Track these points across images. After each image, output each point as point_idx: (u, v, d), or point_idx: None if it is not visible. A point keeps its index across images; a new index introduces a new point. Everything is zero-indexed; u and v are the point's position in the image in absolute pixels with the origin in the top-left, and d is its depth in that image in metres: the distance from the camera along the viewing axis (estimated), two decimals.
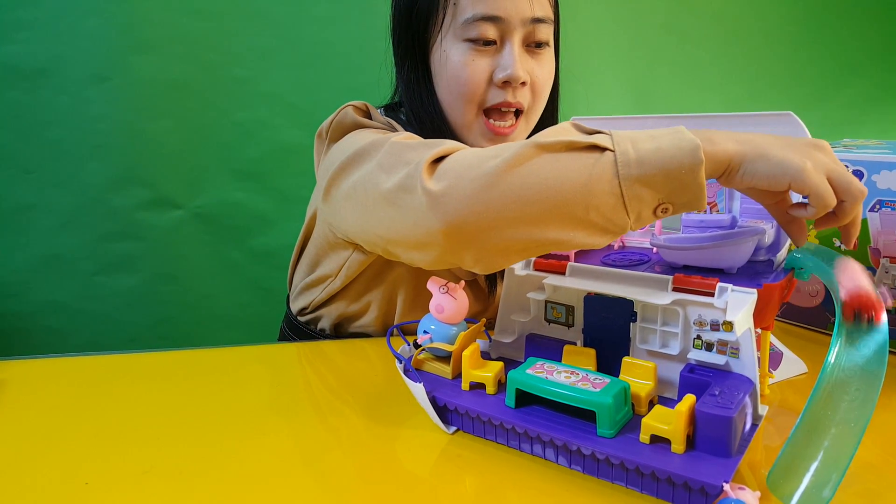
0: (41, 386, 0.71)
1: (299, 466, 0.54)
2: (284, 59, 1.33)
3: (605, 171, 0.49)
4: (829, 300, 0.79)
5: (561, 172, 0.50)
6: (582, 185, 0.50)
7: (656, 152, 0.49)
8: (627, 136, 0.51)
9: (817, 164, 0.49)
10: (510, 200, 0.51)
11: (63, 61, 1.22)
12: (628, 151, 0.49)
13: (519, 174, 0.51)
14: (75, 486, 0.51)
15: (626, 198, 0.49)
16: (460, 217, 0.52)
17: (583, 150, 0.50)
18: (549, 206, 0.51)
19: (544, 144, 0.51)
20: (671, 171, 0.48)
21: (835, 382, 0.47)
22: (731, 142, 0.51)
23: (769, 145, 0.50)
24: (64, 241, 1.30)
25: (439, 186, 0.53)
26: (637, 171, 0.49)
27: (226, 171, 1.36)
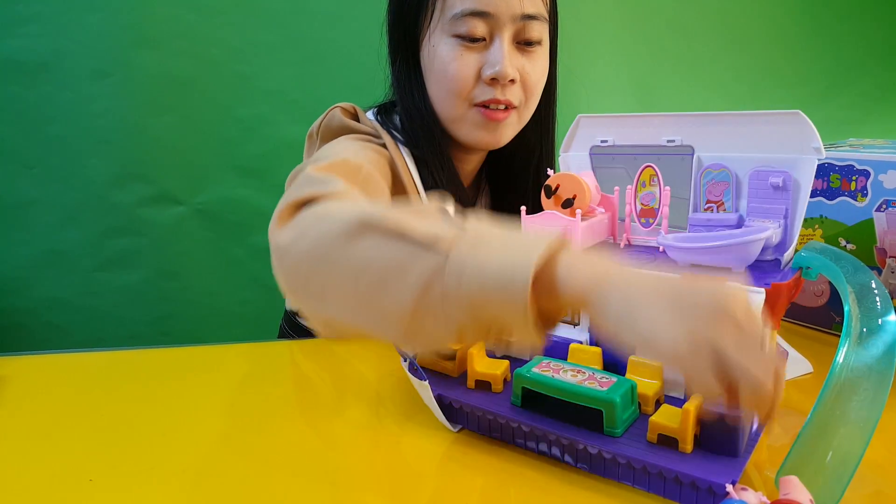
0: (42, 382, 0.71)
1: (303, 464, 0.54)
2: (287, 55, 1.33)
3: (427, 278, 0.42)
4: (834, 300, 0.78)
5: (384, 265, 0.44)
6: (402, 288, 0.43)
7: (485, 266, 0.41)
8: (476, 235, 0.43)
9: (700, 344, 0.37)
10: (333, 281, 0.46)
11: (65, 56, 1.22)
12: (462, 257, 0.41)
13: (346, 254, 0.45)
14: (80, 484, 0.51)
15: (447, 313, 0.42)
16: (291, 275, 0.50)
17: (415, 243, 0.43)
18: (364, 299, 0.45)
19: (376, 225, 0.45)
20: (493, 292, 0.40)
21: (843, 382, 0.47)
22: (602, 281, 0.40)
23: (645, 304, 0.39)
24: (65, 237, 1.29)
25: (283, 239, 0.50)
26: (459, 283, 0.41)
27: (227, 168, 1.35)
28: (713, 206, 0.62)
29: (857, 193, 0.75)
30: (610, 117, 0.67)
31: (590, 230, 0.63)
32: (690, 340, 0.37)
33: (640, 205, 0.65)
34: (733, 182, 0.61)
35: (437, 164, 0.77)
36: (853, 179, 0.75)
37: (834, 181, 0.77)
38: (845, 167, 0.76)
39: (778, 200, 0.59)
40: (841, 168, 0.76)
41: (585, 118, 0.68)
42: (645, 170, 0.64)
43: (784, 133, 0.57)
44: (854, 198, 0.75)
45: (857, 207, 0.75)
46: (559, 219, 0.61)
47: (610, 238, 0.68)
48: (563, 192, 0.61)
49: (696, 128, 0.62)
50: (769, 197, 0.59)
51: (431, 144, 0.77)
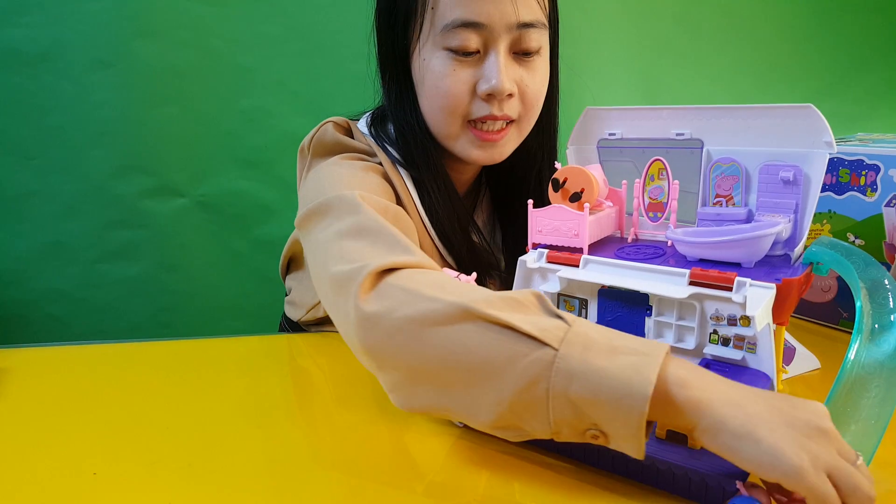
0: (43, 375, 0.70)
1: (306, 459, 0.54)
2: (290, 47, 1.32)
3: (536, 374, 0.42)
4: (841, 295, 0.78)
5: (490, 353, 0.44)
6: (506, 377, 0.43)
7: (598, 375, 0.41)
8: (584, 336, 0.43)
9: (818, 461, 0.39)
10: (426, 359, 0.46)
11: (66, 46, 1.21)
12: (571, 359, 0.42)
13: (446, 335, 0.45)
14: (84, 477, 0.51)
15: (551, 409, 0.42)
16: (377, 348, 0.49)
17: (521, 335, 0.44)
18: (460, 382, 0.45)
19: (480, 314, 0.45)
20: (605, 402, 0.41)
21: (855, 379, 0.46)
22: (716, 398, 0.41)
23: (762, 421, 0.40)
24: (66, 228, 1.29)
25: (371, 309, 0.49)
26: (568, 385, 0.41)
27: (229, 160, 1.34)
28: (722, 200, 0.61)
29: (867, 188, 0.74)
30: (618, 110, 0.66)
31: (597, 224, 0.62)
32: (811, 458, 0.39)
33: (648, 199, 0.64)
34: (743, 176, 0.60)
35: (432, 181, 0.73)
36: (863, 174, 0.75)
37: (843, 176, 0.76)
38: (855, 162, 0.75)
39: (788, 195, 0.58)
40: (850, 163, 0.75)
41: (593, 111, 0.67)
42: (653, 163, 0.63)
43: (795, 127, 0.57)
44: (863, 193, 0.75)
45: (866, 202, 0.75)
46: (567, 212, 0.60)
47: (617, 232, 0.67)
48: (570, 186, 0.61)
49: (705, 121, 0.61)
50: (779, 191, 0.58)
51: (427, 161, 0.73)
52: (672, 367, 0.42)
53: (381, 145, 0.74)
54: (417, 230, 0.72)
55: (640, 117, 0.65)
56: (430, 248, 0.74)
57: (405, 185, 0.73)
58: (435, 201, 0.73)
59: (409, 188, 0.73)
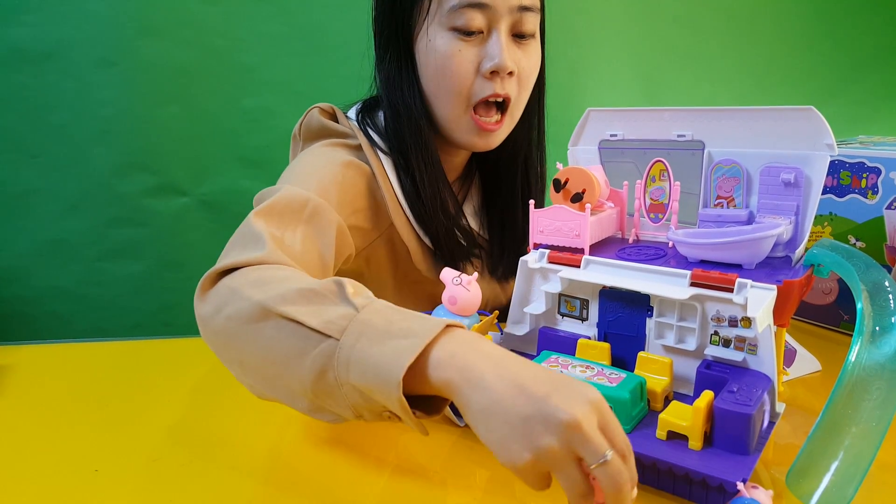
0: (45, 372, 0.71)
1: (307, 456, 0.54)
2: (292, 46, 1.32)
3: (323, 366, 0.45)
4: (842, 298, 0.78)
5: (285, 350, 0.47)
6: (302, 370, 0.46)
7: (366, 363, 0.43)
8: (363, 323, 0.45)
9: (541, 459, 0.39)
10: (245, 357, 0.50)
11: (69, 45, 1.21)
12: (349, 349, 0.44)
13: (253, 335, 0.49)
14: (85, 474, 0.51)
15: (345, 395, 0.45)
16: (212, 345, 0.53)
17: (310, 330, 0.46)
18: (274, 376, 0.49)
19: (276, 311, 0.48)
20: (375, 389, 0.43)
21: (856, 381, 0.46)
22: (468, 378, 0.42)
23: (501, 411, 0.40)
24: (68, 226, 1.29)
25: (202, 311, 0.53)
26: (347, 375, 0.44)
27: (232, 159, 1.34)
28: (723, 201, 0.62)
29: (868, 191, 0.74)
30: (620, 111, 0.66)
31: (598, 225, 0.62)
32: (536, 458, 0.39)
33: (649, 200, 0.64)
34: (744, 178, 0.60)
35: (421, 163, 0.75)
36: (864, 177, 0.75)
37: (844, 178, 0.76)
38: (856, 164, 0.75)
39: (789, 197, 0.58)
40: (852, 165, 0.76)
41: (595, 112, 0.68)
42: (655, 164, 0.63)
43: (796, 129, 0.57)
44: (864, 195, 0.75)
45: (867, 205, 0.75)
46: (568, 213, 0.60)
47: (618, 233, 0.67)
48: (572, 187, 0.61)
49: (706, 123, 0.61)
50: (780, 193, 0.58)
51: (418, 142, 0.75)
52: (437, 347, 0.44)
53: (363, 129, 0.78)
54: (394, 212, 0.75)
55: (642, 118, 0.65)
56: (407, 229, 0.76)
57: (382, 169, 0.76)
58: (419, 182, 0.76)
59: (386, 171, 0.76)
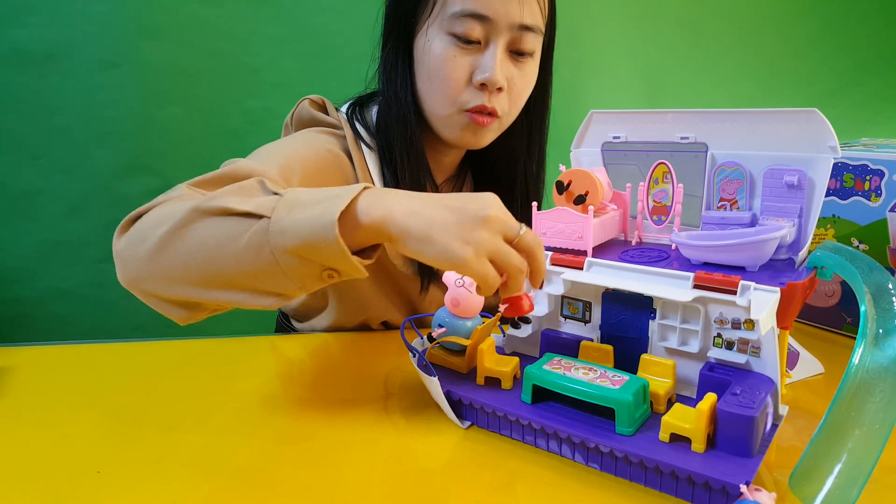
0: (47, 373, 0.71)
1: (309, 458, 0.54)
2: (294, 48, 1.32)
3: (258, 242, 0.49)
4: (845, 300, 0.78)
5: (217, 241, 0.50)
6: (238, 254, 0.50)
7: (301, 225, 0.48)
8: (291, 200, 0.50)
9: (480, 249, 0.48)
10: (173, 267, 0.52)
11: (72, 47, 1.21)
12: (281, 220, 0.49)
13: (182, 239, 0.52)
14: (88, 476, 0.51)
15: (283, 266, 0.49)
16: (131, 276, 0.55)
17: (241, 216, 0.50)
18: (208, 271, 0.51)
19: (205, 209, 0.51)
20: (313, 244, 0.48)
21: (859, 384, 0.46)
22: (398, 212, 0.49)
23: (436, 225, 0.48)
24: (71, 227, 1.29)
25: (119, 246, 0.56)
26: (283, 241, 0.48)
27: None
28: (726, 204, 0.61)
29: (871, 193, 0.74)
30: (622, 113, 0.66)
31: (601, 227, 0.62)
32: (475, 247, 0.48)
33: (652, 202, 0.64)
34: (747, 180, 0.60)
35: (404, 154, 0.77)
36: (867, 179, 0.75)
37: (847, 181, 0.76)
38: (859, 167, 0.75)
39: (792, 199, 0.58)
40: (855, 167, 0.75)
41: (598, 114, 0.67)
42: (658, 167, 0.63)
43: (800, 131, 0.57)
44: (868, 198, 0.75)
45: (870, 207, 0.75)
46: (571, 215, 0.60)
47: (621, 235, 0.67)
48: (575, 189, 0.61)
49: (710, 125, 0.61)
50: (783, 196, 0.58)
51: (404, 134, 0.77)
52: (361, 199, 0.50)
53: (350, 123, 0.80)
54: None
55: (645, 120, 0.65)
56: None
57: (364, 163, 0.77)
58: (401, 174, 0.77)
59: (368, 165, 0.78)
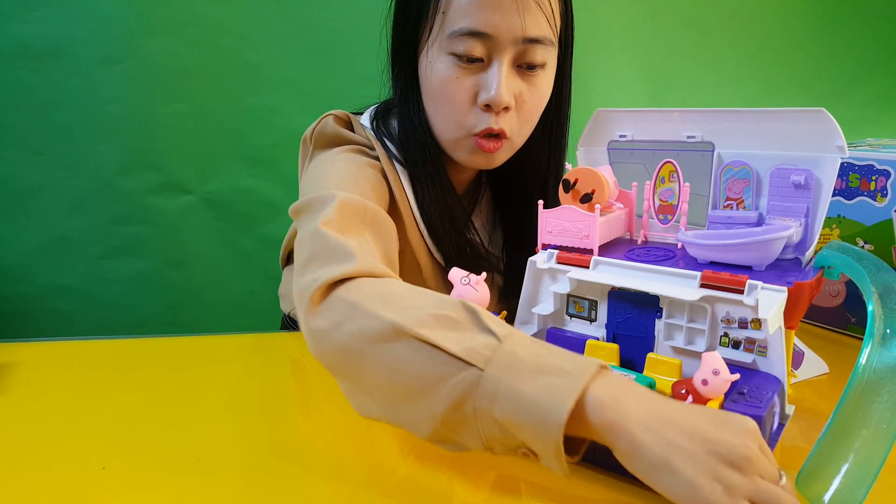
0: (48, 369, 0.71)
1: (311, 456, 0.54)
2: (298, 45, 1.32)
3: (462, 395, 0.44)
4: (850, 300, 0.78)
5: (414, 374, 0.46)
6: (434, 396, 0.45)
7: (517, 399, 0.42)
8: (510, 355, 0.44)
9: (734, 491, 0.39)
10: (370, 373, 0.48)
11: (75, 42, 1.21)
12: (495, 381, 0.43)
13: (383, 351, 0.47)
14: (93, 472, 0.51)
15: (481, 428, 0.44)
16: (326, 361, 0.52)
17: (448, 355, 0.45)
18: (397, 398, 0.47)
19: (408, 332, 0.46)
20: (524, 427, 0.42)
21: (866, 384, 0.46)
22: (634, 422, 0.41)
23: (678, 451, 0.40)
24: (72, 224, 1.29)
25: (317, 324, 0.51)
26: (491, 408, 0.43)
27: (236, 158, 1.34)
28: (733, 203, 0.61)
29: (877, 193, 0.74)
30: (629, 112, 0.66)
31: (607, 226, 0.62)
32: (727, 488, 0.39)
33: (658, 201, 0.64)
34: (754, 180, 0.60)
35: (428, 178, 0.74)
36: (873, 179, 0.74)
37: (853, 181, 0.76)
38: (865, 167, 0.75)
39: (799, 199, 0.58)
40: (861, 167, 0.75)
41: (604, 112, 0.67)
42: (664, 165, 0.63)
43: (807, 131, 0.57)
44: (873, 198, 0.75)
45: (876, 207, 0.75)
46: (577, 213, 0.60)
47: (627, 234, 0.67)
48: (581, 187, 0.61)
49: (716, 124, 0.61)
50: (790, 195, 0.58)
51: (424, 158, 0.74)
52: (595, 389, 0.42)
53: (380, 140, 0.75)
54: (408, 226, 0.73)
55: (651, 119, 0.65)
56: (420, 244, 0.75)
57: (399, 181, 0.74)
58: (428, 198, 0.74)
59: (403, 184, 0.74)
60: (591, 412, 0.42)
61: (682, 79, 1.58)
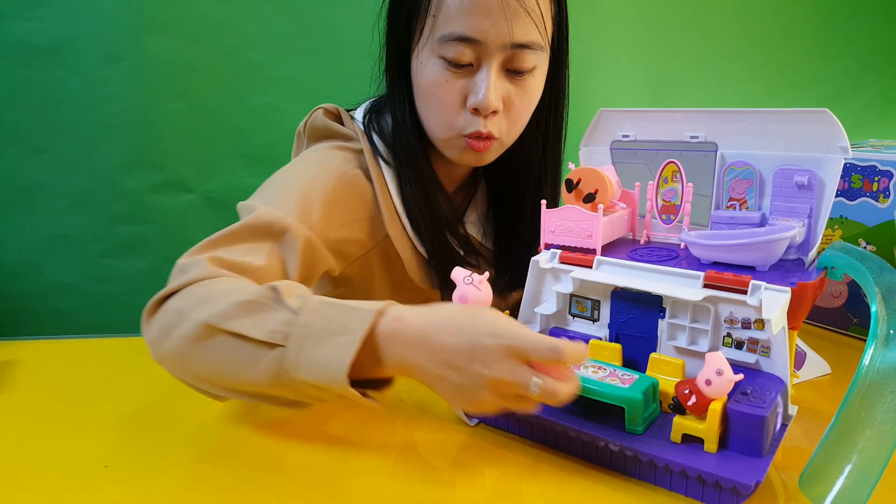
0: (49, 367, 0.71)
1: (316, 454, 0.53)
2: (299, 44, 1.32)
3: (275, 371, 0.50)
4: (852, 301, 0.78)
5: (235, 363, 0.52)
6: (257, 376, 0.51)
7: (314, 365, 0.49)
8: (305, 327, 0.50)
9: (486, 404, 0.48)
10: (200, 372, 0.55)
11: (77, 40, 1.21)
12: (296, 353, 0.50)
13: (200, 352, 0.53)
14: (95, 470, 0.51)
15: (300, 392, 0.52)
16: (165, 365, 0.56)
17: (254, 342, 0.51)
18: (232, 383, 0.54)
19: (219, 328, 0.52)
20: (326, 386, 0.49)
21: (869, 384, 0.46)
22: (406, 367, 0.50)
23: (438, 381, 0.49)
24: (73, 222, 1.29)
25: (150, 335, 0.56)
26: (298, 375, 0.50)
27: (238, 156, 1.34)
28: (736, 203, 0.61)
29: (879, 194, 0.74)
30: (632, 112, 0.66)
31: (610, 225, 0.62)
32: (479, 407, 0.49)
33: (661, 201, 0.64)
34: (757, 180, 0.60)
35: (411, 175, 0.75)
36: (875, 180, 0.74)
37: (855, 181, 0.76)
38: (867, 168, 0.75)
39: (802, 199, 0.58)
40: (863, 168, 0.75)
41: (607, 112, 0.67)
42: (668, 165, 0.63)
43: (810, 131, 0.57)
44: (876, 199, 0.75)
45: (878, 208, 0.75)
46: (580, 213, 0.60)
47: (629, 234, 0.67)
48: (584, 187, 0.60)
49: (719, 124, 0.61)
50: (793, 196, 0.58)
51: (407, 156, 0.75)
52: (377, 335, 0.50)
53: (367, 134, 0.77)
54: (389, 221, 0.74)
55: (654, 119, 0.65)
56: (403, 238, 0.75)
57: (381, 176, 0.75)
58: (410, 195, 0.75)
59: (386, 178, 0.76)
60: (371, 364, 0.50)
61: (683, 80, 1.58)
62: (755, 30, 1.60)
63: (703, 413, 0.47)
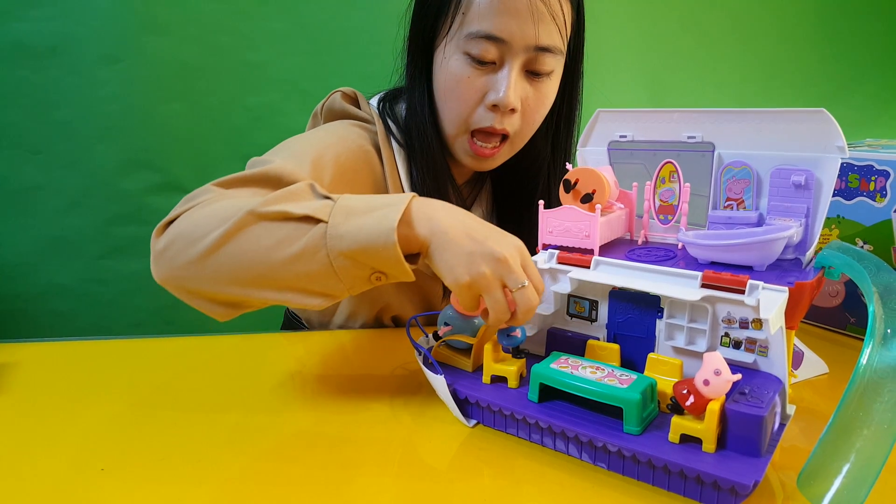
0: (47, 369, 0.70)
1: (314, 456, 0.53)
2: (297, 44, 1.32)
3: (315, 245, 0.53)
4: (849, 301, 0.78)
5: (274, 243, 0.54)
6: (294, 257, 0.54)
7: (359, 230, 0.53)
8: (346, 207, 0.54)
9: (475, 283, 0.53)
10: (225, 269, 0.55)
11: (74, 41, 1.21)
12: (338, 225, 0.53)
13: (236, 243, 0.54)
14: (92, 472, 0.51)
15: (337, 269, 0.54)
16: (176, 275, 0.58)
17: (298, 220, 0.54)
18: (262, 272, 0.55)
19: (262, 213, 0.54)
20: (369, 249, 0.52)
21: (867, 384, 0.46)
22: (427, 228, 0.55)
23: (454, 244, 0.54)
24: (70, 223, 1.28)
25: (161, 245, 0.58)
26: (341, 245, 0.53)
27: (235, 157, 1.33)
28: (733, 203, 0.61)
29: (876, 194, 0.74)
30: (629, 112, 0.66)
31: (608, 226, 0.62)
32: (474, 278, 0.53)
33: (658, 201, 0.64)
34: (754, 180, 0.60)
35: (424, 162, 0.77)
36: (872, 179, 0.75)
37: (852, 181, 0.76)
38: (864, 167, 0.75)
39: (799, 199, 0.58)
40: (860, 168, 0.75)
41: (604, 112, 0.67)
42: (665, 166, 0.63)
43: (807, 131, 0.57)
44: (872, 198, 0.75)
45: (875, 208, 0.75)
46: (578, 213, 0.60)
47: (627, 234, 0.67)
48: (582, 187, 0.61)
49: (717, 124, 0.61)
50: (790, 195, 0.58)
51: (422, 145, 0.77)
52: (414, 209, 0.55)
53: (382, 118, 0.80)
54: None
55: (651, 120, 0.65)
56: None
57: (393, 160, 0.78)
58: (422, 184, 0.78)
59: (397, 163, 0.78)
60: (413, 227, 0.54)
61: (680, 81, 1.59)
62: (752, 30, 1.61)
63: (701, 413, 0.47)
